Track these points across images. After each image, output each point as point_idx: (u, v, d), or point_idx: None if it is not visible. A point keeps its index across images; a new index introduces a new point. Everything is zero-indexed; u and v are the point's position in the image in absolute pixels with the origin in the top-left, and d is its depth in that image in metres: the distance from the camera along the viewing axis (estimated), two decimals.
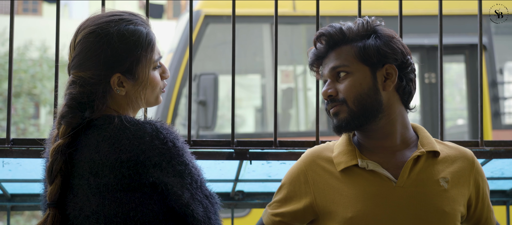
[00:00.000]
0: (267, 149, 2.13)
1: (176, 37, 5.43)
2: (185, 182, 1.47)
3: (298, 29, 5.57)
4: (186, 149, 1.51)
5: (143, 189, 1.46)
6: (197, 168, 1.52)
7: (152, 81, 1.58)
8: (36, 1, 17.53)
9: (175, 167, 1.47)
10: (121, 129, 1.46)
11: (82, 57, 1.53)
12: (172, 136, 1.49)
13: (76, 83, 1.53)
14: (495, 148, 2.16)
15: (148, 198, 1.46)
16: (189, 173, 1.48)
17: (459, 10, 5.05)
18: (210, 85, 4.92)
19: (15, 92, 12.17)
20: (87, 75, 1.52)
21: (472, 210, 1.74)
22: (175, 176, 1.46)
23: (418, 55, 5.23)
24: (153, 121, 1.50)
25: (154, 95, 1.61)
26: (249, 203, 2.49)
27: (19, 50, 12.78)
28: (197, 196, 1.48)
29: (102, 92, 1.53)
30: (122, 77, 1.54)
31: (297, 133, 5.57)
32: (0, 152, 2.03)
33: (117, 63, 1.52)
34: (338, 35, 1.69)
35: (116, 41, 1.52)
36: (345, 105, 1.66)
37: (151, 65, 1.57)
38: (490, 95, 5.14)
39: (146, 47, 1.55)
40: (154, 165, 1.45)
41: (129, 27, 1.54)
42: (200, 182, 1.50)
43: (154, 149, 1.45)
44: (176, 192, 1.46)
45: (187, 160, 1.49)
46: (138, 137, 1.45)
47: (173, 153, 1.47)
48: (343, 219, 1.65)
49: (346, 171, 1.68)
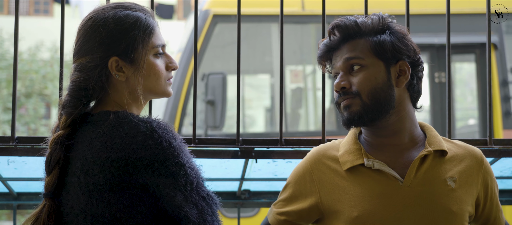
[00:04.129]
0: (272, 147, 2.12)
1: (185, 36, 5.44)
2: (179, 184, 1.42)
3: (307, 29, 5.56)
4: (183, 149, 1.47)
5: (133, 190, 1.42)
6: (195, 168, 1.48)
7: (153, 68, 1.54)
8: (47, 2, 17.63)
9: (168, 168, 1.42)
10: (115, 127, 1.44)
11: (80, 43, 1.52)
12: (168, 135, 1.44)
13: (76, 70, 1.52)
14: (504, 147, 2.13)
15: (137, 199, 1.43)
16: (184, 174, 1.44)
17: (469, 9, 5.02)
18: (219, 85, 4.92)
19: (27, 93, 12.26)
20: (86, 60, 1.50)
21: (481, 209, 1.72)
22: (168, 177, 1.42)
23: (428, 55, 5.19)
24: (150, 119, 1.46)
25: (159, 85, 1.55)
26: (255, 202, 2.48)
27: (30, 51, 12.89)
28: (192, 198, 1.43)
29: (99, 76, 1.50)
30: (120, 62, 1.51)
31: (307, 133, 5.55)
32: (5, 150, 2.03)
33: (112, 45, 1.50)
34: (353, 27, 1.68)
35: (111, 23, 1.50)
36: (359, 98, 1.64)
37: (150, 50, 1.53)
38: (501, 94, 5.10)
39: (144, 30, 1.52)
40: (145, 166, 1.41)
41: (126, 12, 1.53)
42: (196, 183, 1.45)
43: (147, 149, 1.41)
44: (168, 194, 1.42)
45: (183, 160, 1.44)
46: (131, 135, 1.42)
47: (167, 153, 1.42)
48: (349, 218, 1.63)
49: (352, 170, 1.67)
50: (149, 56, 1.53)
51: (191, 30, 5.17)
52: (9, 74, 12.19)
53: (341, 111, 1.69)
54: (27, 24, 13.94)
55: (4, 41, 12.84)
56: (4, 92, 12.19)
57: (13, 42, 2.06)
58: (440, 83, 5.17)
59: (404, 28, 1.72)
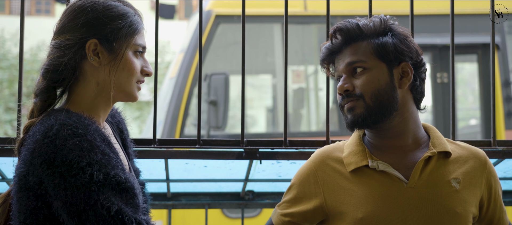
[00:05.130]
0: (277, 148, 2.12)
1: (187, 37, 5.44)
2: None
3: (309, 29, 5.56)
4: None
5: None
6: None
7: (129, 63, 1.52)
8: (48, 2, 17.63)
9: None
10: (33, 136, 1.41)
11: (64, 21, 1.51)
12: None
13: (54, 47, 1.50)
14: (507, 148, 2.14)
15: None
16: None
17: (471, 9, 5.02)
18: (221, 85, 4.92)
19: (28, 93, 12.25)
20: (65, 37, 1.49)
21: (484, 210, 1.73)
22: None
23: (430, 55, 5.19)
24: (70, 125, 1.39)
25: (129, 83, 1.53)
26: (259, 203, 2.48)
27: (32, 51, 12.89)
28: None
29: (74, 55, 1.47)
30: (99, 46, 1.49)
31: (308, 133, 5.55)
32: (11, 151, 2.03)
33: (96, 27, 1.49)
34: (355, 30, 1.68)
35: (100, 8, 1.50)
36: (362, 101, 1.65)
37: (131, 47, 1.52)
38: (503, 95, 5.10)
39: (129, 25, 1.51)
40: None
41: (116, 3, 1.53)
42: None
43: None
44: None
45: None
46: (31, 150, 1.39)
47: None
48: (353, 219, 1.63)
49: (356, 171, 1.67)
50: (128, 51, 1.51)
51: (193, 30, 5.17)
52: (11, 75, 12.20)
53: (345, 114, 1.69)
54: (29, 24, 13.92)
55: (6, 41, 12.85)
56: (5, 93, 12.21)
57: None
58: (442, 83, 5.18)
59: (406, 30, 1.72)
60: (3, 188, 2.37)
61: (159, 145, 2.10)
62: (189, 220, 4.57)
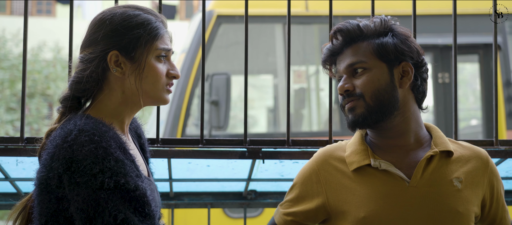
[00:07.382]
0: (279, 148, 2.12)
1: (188, 37, 5.44)
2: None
3: (311, 29, 5.56)
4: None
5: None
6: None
7: (152, 69, 1.52)
8: (49, 2, 17.64)
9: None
10: (53, 141, 1.43)
11: (87, 35, 1.54)
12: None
13: (80, 61, 1.53)
14: (510, 147, 2.14)
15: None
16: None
17: (473, 10, 5.02)
18: (223, 85, 4.92)
19: (29, 93, 12.27)
20: (88, 51, 1.51)
21: (487, 210, 1.73)
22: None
23: (432, 55, 5.20)
24: (87, 131, 1.41)
25: (156, 89, 1.53)
26: (261, 203, 2.48)
27: (33, 51, 12.89)
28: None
29: (96, 68, 1.49)
30: (120, 57, 1.50)
31: (310, 133, 5.56)
32: (14, 150, 2.04)
33: (115, 39, 1.50)
34: (355, 31, 1.69)
35: (118, 19, 1.51)
36: (362, 100, 1.66)
37: (153, 53, 1.52)
38: (505, 95, 5.10)
39: (149, 32, 1.52)
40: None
41: (136, 12, 1.53)
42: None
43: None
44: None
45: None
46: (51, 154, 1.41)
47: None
48: (355, 219, 1.64)
49: (358, 170, 1.67)
50: (150, 58, 1.52)
51: (194, 30, 5.18)
52: (12, 75, 12.19)
53: (346, 114, 1.70)
54: (30, 25, 13.81)
55: (7, 41, 12.86)
56: (6, 93, 12.21)
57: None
58: (443, 83, 5.18)
59: (407, 30, 1.73)
60: (6, 188, 2.38)
61: (162, 144, 2.11)
62: (191, 220, 4.58)
